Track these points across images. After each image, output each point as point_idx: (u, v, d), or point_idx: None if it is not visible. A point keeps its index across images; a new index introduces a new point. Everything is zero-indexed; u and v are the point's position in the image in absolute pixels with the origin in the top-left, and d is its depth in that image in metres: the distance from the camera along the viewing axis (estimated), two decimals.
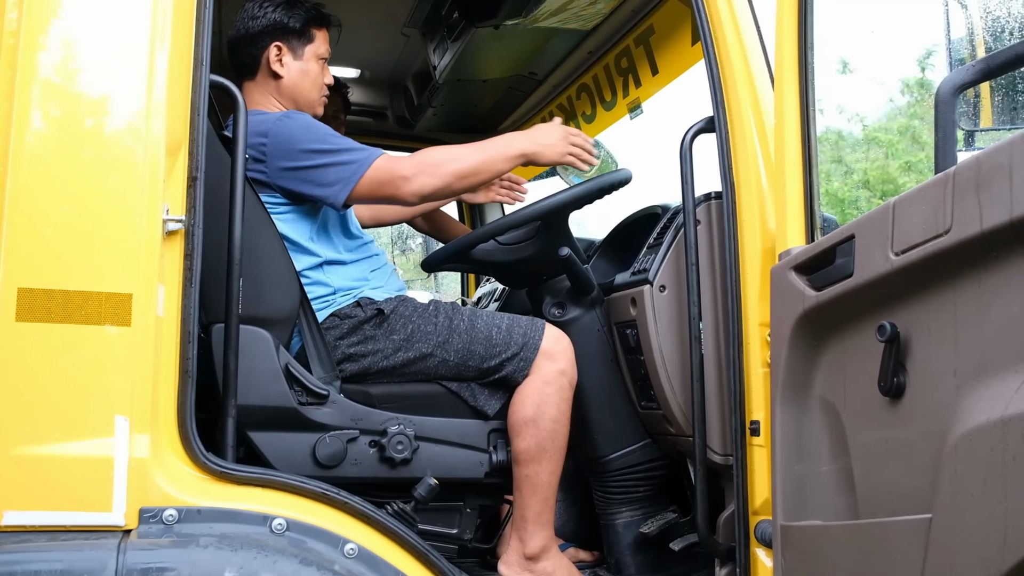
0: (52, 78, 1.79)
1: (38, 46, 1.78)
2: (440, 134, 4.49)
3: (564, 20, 2.97)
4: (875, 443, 1.69)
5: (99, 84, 1.81)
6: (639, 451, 2.44)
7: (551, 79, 3.71)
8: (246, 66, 2.43)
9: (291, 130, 2.24)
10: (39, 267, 1.73)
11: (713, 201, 2.25)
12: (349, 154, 2.24)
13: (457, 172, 2.27)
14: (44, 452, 1.70)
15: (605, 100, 3.50)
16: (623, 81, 3.32)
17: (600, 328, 2.46)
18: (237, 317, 1.97)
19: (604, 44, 3.32)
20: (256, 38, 2.40)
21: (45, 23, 1.80)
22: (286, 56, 2.42)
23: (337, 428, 2.15)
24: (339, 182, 2.20)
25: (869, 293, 1.67)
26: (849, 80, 17.52)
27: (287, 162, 2.21)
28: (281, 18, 2.41)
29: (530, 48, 3.38)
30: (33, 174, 1.75)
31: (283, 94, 2.42)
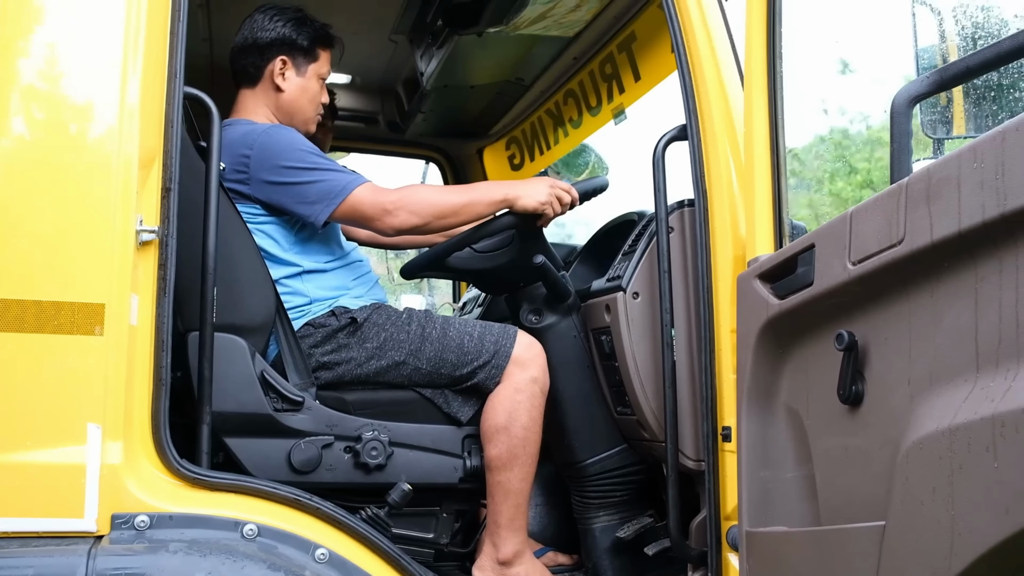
0: (25, 92, 1.82)
1: (11, 62, 1.82)
2: (431, 139, 4.53)
3: (546, 27, 3.00)
4: (836, 450, 1.71)
5: (72, 97, 1.84)
6: (616, 456, 2.46)
7: (538, 85, 3.73)
8: (247, 74, 2.47)
9: (276, 145, 2.27)
10: (12, 277, 1.76)
11: (686, 208, 2.27)
12: (333, 175, 2.27)
13: (438, 212, 2.30)
14: (17, 460, 1.73)
15: (591, 106, 3.52)
16: (607, 87, 3.35)
17: (577, 335, 2.48)
18: (211, 325, 2.00)
19: (588, 50, 3.34)
20: (263, 49, 2.44)
21: (19, 37, 1.83)
22: (289, 71, 2.45)
23: (312, 434, 2.18)
24: (321, 202, 2.24)
25: (828, 302, 1.69)
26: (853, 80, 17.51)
27: (270, 176, 2.24)
28: (290, 34, 2.45)
29: (515, 54, 3.41)
30: (6, 186, 1.78)
31: (280, 108, 2.46)
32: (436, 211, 2.29)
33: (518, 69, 3.60)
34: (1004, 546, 1.28)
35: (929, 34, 1.97)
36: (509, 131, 4.33)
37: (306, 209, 2.25)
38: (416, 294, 5.21)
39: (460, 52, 3.28)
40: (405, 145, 4.65)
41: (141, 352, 1.88)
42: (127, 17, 1.89)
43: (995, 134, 1.33)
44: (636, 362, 2.28)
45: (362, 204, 2.26)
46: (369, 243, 3.00)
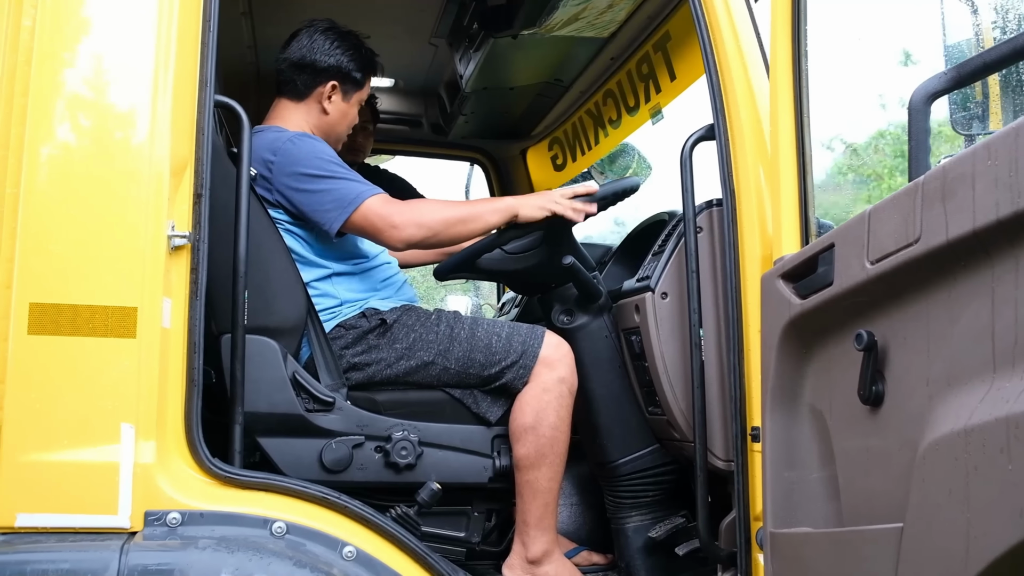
0: (63, 104, 1.89)
1: (50, 74, 1.88)
2: (474, 141, 4.56)
3: (579, 28, 3.00)
4: (857, 451, 1.70)
5: (106, 108, 1.90)
6: (648, 456, 2.46)
7: (577, 85, 3.73)
8: (296, 89, 2.52)
9: (299, 152, 2.32)
10: (49, 283, 1.82)
11: (715, 208, 2.27)
12: (347, 185, 2.32)
13: (446, 224, 2.33)
14: (54, 458, 1.79)
15: (629, 106, 3.51)
16: (644, 87, 3.34)
17: (608, 335, 2.49)
18: (243, 328, 2.05)
19: (625, 51, 3.34)
20: (319, 72, 2.50)
21: (56, 49, 1.90)
22: (336, 96, 2.52)
23: (343, 434, 2.22)
24: (335, 210, 2.29)
25: (848, 301, 1.67)
26: (914, 72, 17.13)
27: (290, 182, 2.29)
28: (347, 64, 2.53)
29: (552, 56, 3.42)
30: (44, 195, 1.85)
31: (319, 127, 2.52)
32: (444, 223, 2.33)
33: (557, 70, 3.61)
34: (1019, 549, 1.26)
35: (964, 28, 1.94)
36: (551, 132, 4.34)
37: (321, 216, 2.30)
38: (462, 295, 5.25)
39: (497, 55, 3.30)
40: (449, 147, 4.69)
41: (174, 354, 1.94)
42: (159, 29, 1.95)
43: (1008, 131, 1.31)
44: (665, 362, 2.28)
45: (371, 216, 2.30)
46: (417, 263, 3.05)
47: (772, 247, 2.10)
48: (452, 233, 2.35)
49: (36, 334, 1.80)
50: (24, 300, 1.80)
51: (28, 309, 1.80)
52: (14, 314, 1.80)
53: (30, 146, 1.85)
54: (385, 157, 5.13)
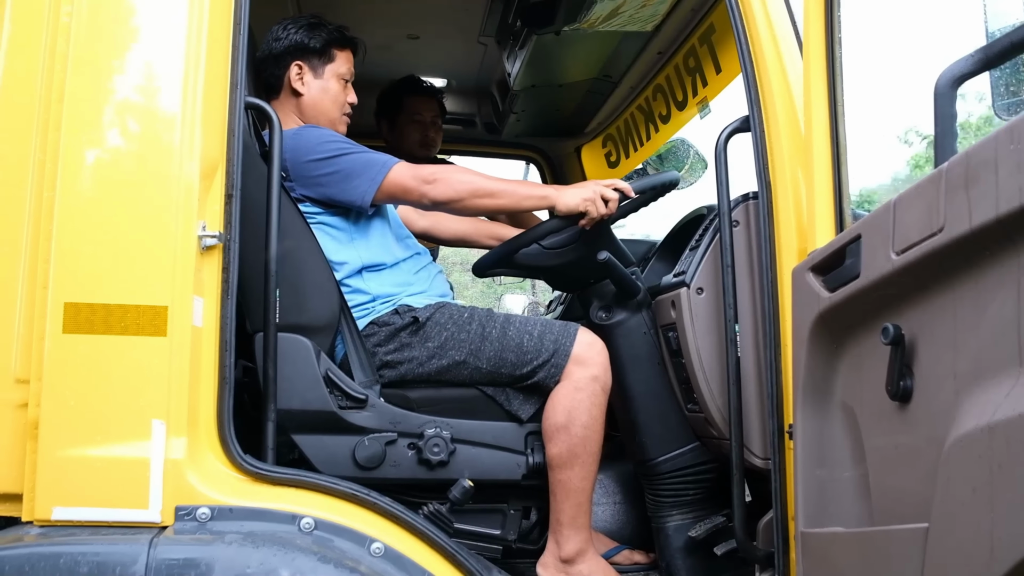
0: (96, 109, 1.93)
1: (84, 80, 1.93)
2: (527, 139, 4.55)
3: (621, 23, 2.97)
4: (886, 449, 1.65)
5: (138, 112, 1.94)
6: (688, 454, 2.42)
7: (626, 81, 3.70)
8: (271, 85, 2.55)
9: (307, 142, 2.34)
10: (83, 282, 1.87)
11: (751, 201, 2.22)
12: (368, 156, 2.33)
13: (476, 189, 2.33)
14: (88, 454, 1.83)
15: (677, 100, 3.47)
16: (691, 80, 3.29)
17: (647, 331, 2.45)
18: (275, 326, 2.07)
19: (671, 45, 3.30)
20: (279, 58, 2.52)
21: (91, 56, 1.94)
22: (307, 75, 2.52)
23: (376, 431, 2.23)
24: (364, 182, 2.30)
25: (876, 294, 1.62)
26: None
27: (309, 172, 2.31)
28: (302, 39, 2.52)
29: (598, 52, 3.40)
30: (78, 197, 1.89)
31: (304, 112, 2.52)
32: (474, 189, 2.33)
33: (605, 67, 3.58)
34: None
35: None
36: (604, 129, 4.30)
37: (351, 194, 2.32)
38: (520, 293, 5.24)
39: (542, 52, 3.29)
40: (503, 146, 4.69)
41: (207, 352, 1.97)
42: (189, 33, 1.98)
43: None
44: (700, 358, 2.24)
45: (403, 177, 2.31)
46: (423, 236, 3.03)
47: (807, 240, 2.05)
48: (481, 203, 2.35)
49: (71, 333, 1.85)
50: (59, 300, 1.85)
51: (63, 308, 1.85)
52: (50, 313, 1.84)
53: (65, 151, 1.90)
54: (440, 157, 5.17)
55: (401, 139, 3.61)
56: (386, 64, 3.94)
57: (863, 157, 13.70)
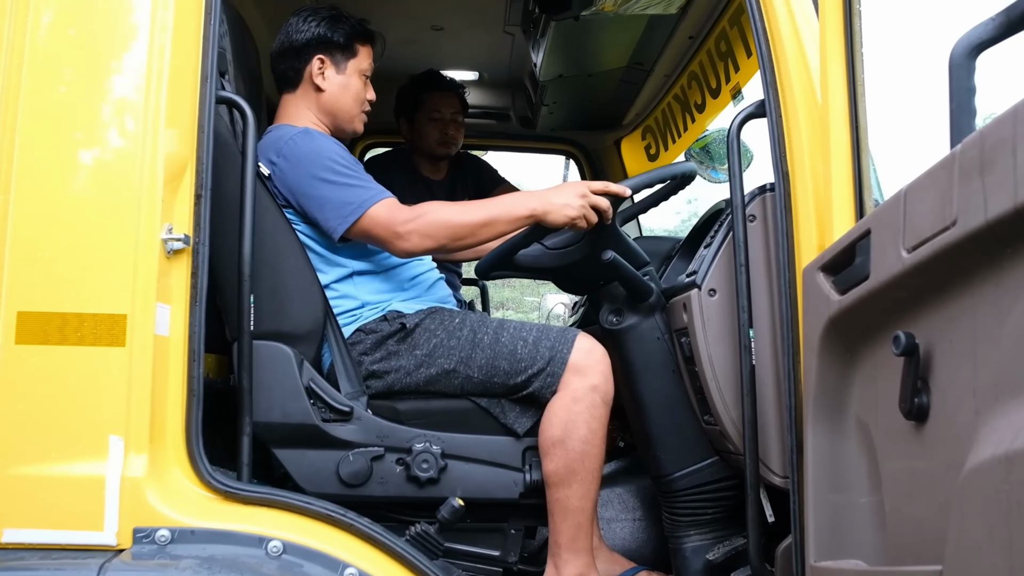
0: (52, 104, 1.83)
1: (41, 72, 1.82)
2: (563, 132, 4.38)
3: (643, 6, 2.78)
4: (902, 473, 1.45)
5: (97, 108, 1.83)
6: (706, 470, 2.22)
7: (659, 68, 3.50)
8: (288, 78, 2.41)
9: (303, 152, 2.19)
10: (38, 290, 1.77)
11: (768, 194, 2.02)
12: (351, 191, 2.16)
13: (454, 233, 2.15)
14: (41, 472, 1.73)
15: (711, 87, 3.26)
16: (724, 66, 3.08)
17: (660, 336, 2.26)
18: (249, 334, 1.95)
19: (702, 28, 3.09)
20: (300, 51, 2.37)
21: (47, 47, 1.84)
22: (328, 69, 2.37)
23: (362, 445, 2.09)
24: (336, 216, 2.14)
25: (887, 297, 1.42)
26: None
27: (296, 183, 2.17)
28: (326, 32, 2.37)
29: (625, 38, 3.21)
30: (33, 200, 1.79)
31: (322, 108, 2.38)
32: (452, 232, 2.15)
33: (636, 54, 3.39)
34: None
35: None
36: (643, 120, 4.11)
37: (325, 222, 2.17)
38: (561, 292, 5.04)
39: (565, 40, 3.12)
40: (539, 140, 4.52)
41: (175, 362, 1.85)
42: (153, 21, 1.86)
43: None
44: (713, 366, 2.05)
45: (375, 224, 2.14)
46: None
47: (826, 235, 1.85)
48: (464, 243, 2.17)
49: (24, 343, 1.75)
50: (12, 309, 1.75)
51: (16, 318, 1.75)
52: (2, 323, 1.74)
53: (20, 150, 1.80)
54: (478, 153, 5.01)
55: (420, 138, 3.47)
56: (412, 58, 3.81)
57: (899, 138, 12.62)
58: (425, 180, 3.48)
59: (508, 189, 3.70)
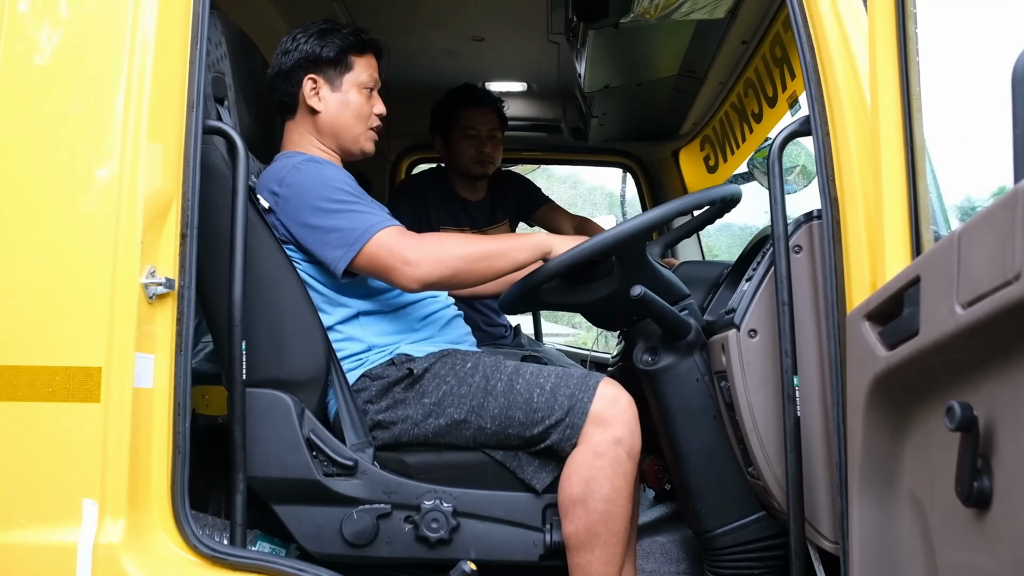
0: (21, 139, 1.71)
1: (5, 106, 1.71)
2: (618, 144, 4.17)
3: (687, 10, 2.56)
4: (962, 567, 1.21)
5: (67, 141, 1.71)
6: (751, 526, 2.00)
7: (713, 76, 3.27)
8: (285, 105, 2.23)
9: (304, 183, 2.01)
10: (5, 341, 1.65)
11: (815, 222, 1.79)
12: (355, 218, 1.98)
13: (467, 256, 1.97)
14: (11, 539, 1.62)
15: (768, 96, 3.02)
16: (779, 73, 2.84)
17: (700, 378, 2.04)
18: (241, 383, 1.81)
19: (755, 31, 2.86)
20: (289, 74, 2.19)
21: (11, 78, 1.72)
22: (323, 89, 2.18)
23: (367, 502, 1.92)
24: (339, 248, 1.96)
25: (940, 358, 1.19)
26: None
27: (297, 216, 2.00)
28: (313, 49, 2.18)
29: (672, 45, 3.00)
30: (1, 242, 1.66)
31: (322, 131, 2.20)
32: (464, 258, 1.96)
33: (686, 61, 3.17)
34: None
35: None
36: (701, 130, 3.88)
37: (326, 256, 1.99)
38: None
39: (606, 48, 2.92)
40: (592, 152, 4.32)
41: (159, 416, 1.72)
42: (132, 40, 1.73)
43: None
44: (753, 416, 1.83)
45: (380, 252, 1.94)
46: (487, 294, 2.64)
47: (879, 272, 1.61)
48: (476, 270, 1.98)
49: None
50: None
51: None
52: None
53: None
54: (529, 167, 4.83)
55: (455, 156, 3.29)
56: (455, 70, 3.66)
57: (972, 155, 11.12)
58: (462, 201, 3.30)
59: (553, 208, 3.50)
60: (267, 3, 3.06)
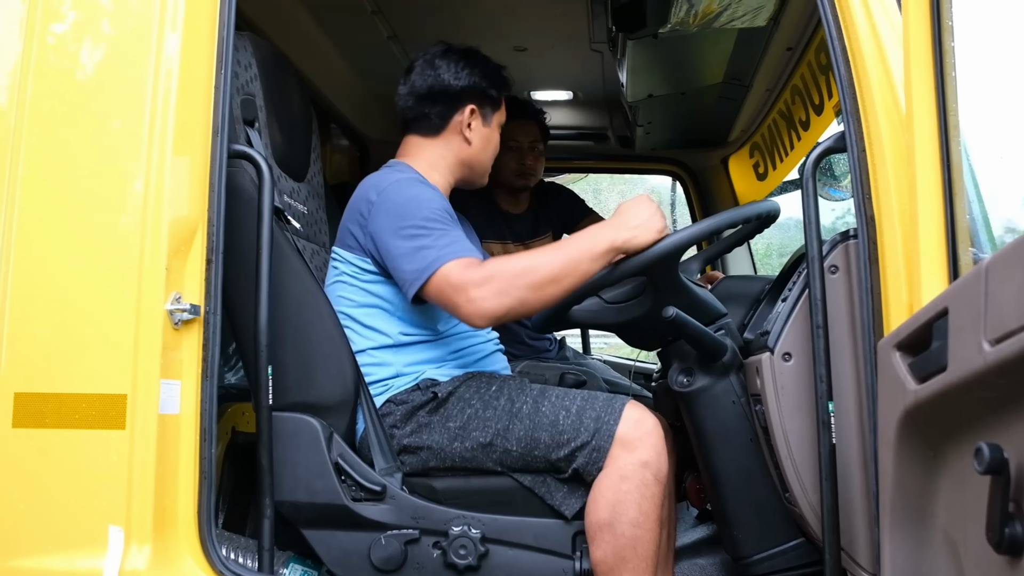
0: (50, 168, 1.73)
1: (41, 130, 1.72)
2: (666, 152, 4.11)
3: (727, 19, 2.50)
4: None
5: (93, 168, 1.73)
6: (790, 553, 1.94)
7: (759, 83, 3.20)
8: (428, 122, 2.22)
9: (399, 200, 2.01)
10: (35, 370, 1.67)
11: (851, 242, 1.73)
12: (433, 245, 1.94)
13: (534, 283, 1.87)
14: (36, 565, 1.64)
15: (814, 103, 2.94)
16: (825, 80, 2.77)
17: (736, 400, 1.98)
18: (267, 408, 1.80)
19: (800, 37, 2.79)
20: (454, 97, 2.20)
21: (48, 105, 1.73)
22: (476, 121, 2.21)
23: (395, 527, 1.90)
24: (412, 273, 1.93)
25: (969, 396, 1.13)
26: None
27: (382, 233, 1.99)
28: (481, 82, 2.22)
29: (715, 53, 2.94)
30: (30, 272, 1.69)
31: (463, 160, 2.22)
32: (532, 283, 1.87)
33: (730, 69, 3.11)
34: None
35: None
36: (749, 137, 3.81)
37: (400, 278, 1.97)
38: None
39: (647, 59, 2.88)
40: (640, 160, 4.27)
41: (185, 442, 1.72)
42: (156, 66, 1.73)
43: None
44: (788, 443, 1.77)
45: (444, 286, 1.89)
46: None
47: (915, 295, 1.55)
48: (545, 296, 1.89)
49: (20, 427, 1.65)
50: (9, 390, 1.65)
51: (13, 400, 1.65)
52: (0, 406, 1.65)
53: (20, 218, 1.70)
54: (576, 176, 4.79)
55: (497, 169, 3.24)
56: None
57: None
58: (504, 214, 3.27)
59: (595, 220, 3.46)
60: (306, 17, 3.07)
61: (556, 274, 1.88)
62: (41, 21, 1.75)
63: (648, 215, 1.89)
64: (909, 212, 1.57)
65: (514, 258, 1.99)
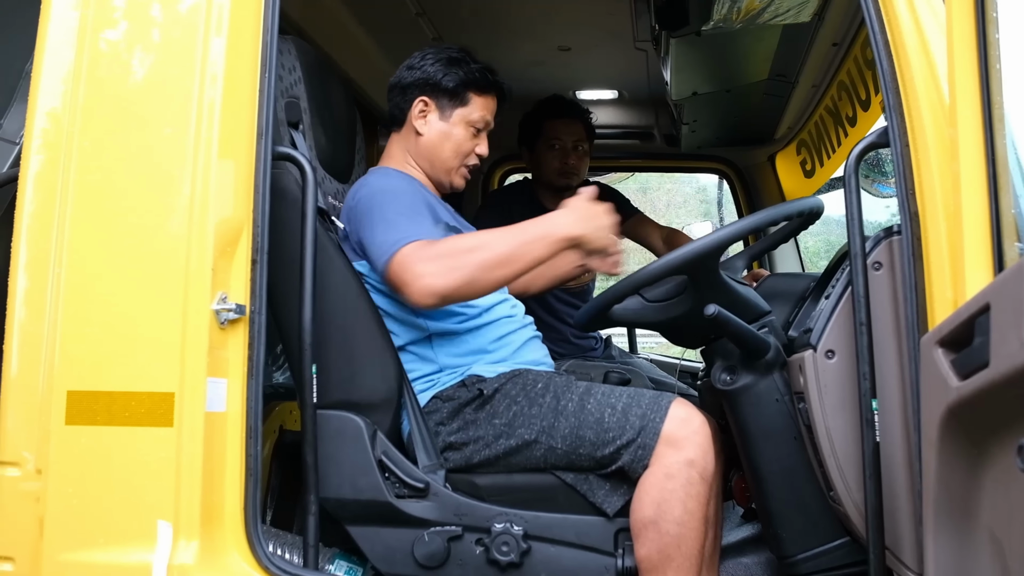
0: (100, 173, 1.76)
1: (86, 141, 1.77)
2: (712, 150, 4.09)
3: (771, 15, 2.48)
4: None
5: (142, 172, 1.76)
6: (835, 552, 1.92)
7: (805, 79, 3.18)
8: (394, 117, 2.26)
9: (372, 188, 2.04)
10: (86, 368, 1.71)
11: (895, 238, 1.71)
12: (397, 229, 1.93)
13: (484, 262, 1.86)
14: (91, 559, 1.67)
15: (861, 99, 2.91)
16: (871, 75, 2.73)
17: (780, 398, 1.97)
18: (312, 406, 1.83)
19: (845, 33, 2.76)
20: (406, 89, 2.22)
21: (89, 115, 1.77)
22: (432, 114, 2.20)
23: (438, 524, 1.92)
24: (378, 258, 1.94)
25: (1011, 392, 1.11)
26: None
27: (358, 227, 2.02)
28: (435, 73, 2.20)
29: (759, 50, 2.92)
30: (82, 272, 1.73)
31: (419, 154, 2.22)
32: (482, 262, 1.86)
33: (775, 65, 3.09)
34: None
35: None
36: (796, 134, 3.78)
37: (374, 264, 1.97)
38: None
39: (691, 56, 2.87)
40: (686, 159, 4.25)
41: (232, 439, 1.75)
42: (202, 71, 1.77)
43: None
44: (831, 441, 1.75)
45: (399, 267, 1.87)
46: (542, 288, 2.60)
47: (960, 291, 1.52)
48: (494, 279, 1.88)
49: (73, 424, 1.69)
50: (62, 388, 1.70)
51: (66, 398, 1.69)
52: (54, 403, 1.69)
53: (72, 221, 1.74)
54: (622, 176, 4.78)
55: (541, 168, 3.28)
56: (542, 79, 3.66)
57: None
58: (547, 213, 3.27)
59: (641, 220, 3.45)
60: (352, 20, 3.11)
61: (508, 256, 1.89)
62: (92, 30, 1.80)
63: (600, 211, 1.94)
64: (953, 207, 1.55)
65: (467, 236, 2.01)
